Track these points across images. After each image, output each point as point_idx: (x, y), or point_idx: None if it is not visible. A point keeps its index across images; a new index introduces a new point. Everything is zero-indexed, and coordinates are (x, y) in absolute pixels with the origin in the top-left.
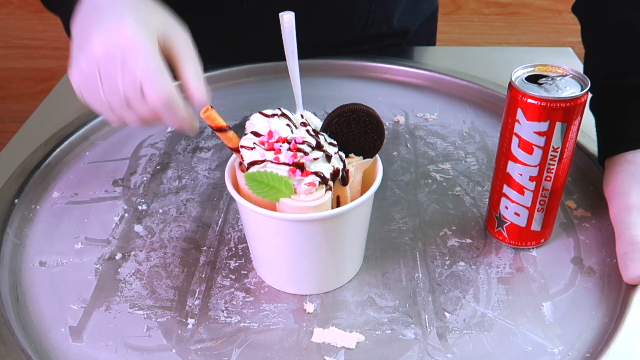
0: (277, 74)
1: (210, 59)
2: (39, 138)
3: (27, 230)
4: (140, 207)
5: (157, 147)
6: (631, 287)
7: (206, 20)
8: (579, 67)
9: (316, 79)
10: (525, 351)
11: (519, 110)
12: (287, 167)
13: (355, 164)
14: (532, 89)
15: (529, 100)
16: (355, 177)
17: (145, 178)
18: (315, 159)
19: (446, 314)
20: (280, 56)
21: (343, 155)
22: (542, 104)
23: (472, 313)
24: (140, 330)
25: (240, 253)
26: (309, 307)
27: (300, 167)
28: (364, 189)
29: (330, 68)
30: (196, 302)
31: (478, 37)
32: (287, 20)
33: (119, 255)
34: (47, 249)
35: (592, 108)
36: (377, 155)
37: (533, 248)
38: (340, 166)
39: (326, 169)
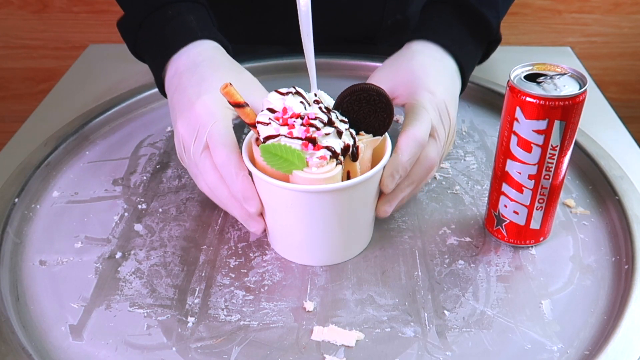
0: (279, 73)
1: (236, 42)
2: (39, 138)
3: (27, 229)
4: (140, 206)
5: (156, 147)
6: (630, 285)
7: (238, 5)
8: (579, 66)
9: (316, 78)
10: (524, 349)
11: (518, 109)
12: (300, 141)
13: (365, 141)
14: (531, 88)
15: (528, 99)
16: (365, 154)
17: (145, 177)
18: (326, 134)
19: (445, 312)
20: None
21: (354, 132)
22: (541, 102)
23: (472, 311)
24: (141, 329)
25: (240, 252)
26: (309, 306)
27: (313, 141)
28: (373, 167)
29: (330, 68)
30: (196, 301)
31: None
32: (304, 3)
33: (119, 254)
34: (47, 248)
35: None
36: (386, 134)
37: (532, 246)
38: (351, 142)
39: (337, 144)
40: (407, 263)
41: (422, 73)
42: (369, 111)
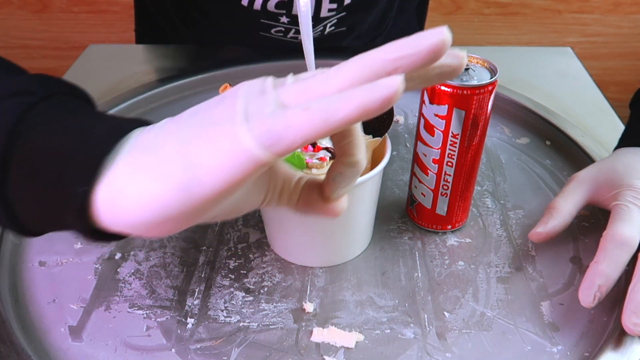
0: (279, 74)
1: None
2: None
3: None
4: None
5: None
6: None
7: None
8: (579, 67)
9: None
10: (524, 350)
11: (425, 92)
12: None
13: (365, 142)
14: None
15: None
16: None
17: None
18: None
19: (445, 313)
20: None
21: None
22: (441, 87)
23: (471, 312)
24: (140, 330)
25: (240, 253)
26: (309, 307)
27: (312, 142)
28: (373, 168)
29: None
30: (195, 302)
31: (478, 37)
32: (304, 3)
33: (118, 255)
34: (47, 249)
35: (631, 105)
36: (386, 135)
37: (532, 247)
38: None
39: None
40: (407, 264)
41: (627, 170)
42: None
